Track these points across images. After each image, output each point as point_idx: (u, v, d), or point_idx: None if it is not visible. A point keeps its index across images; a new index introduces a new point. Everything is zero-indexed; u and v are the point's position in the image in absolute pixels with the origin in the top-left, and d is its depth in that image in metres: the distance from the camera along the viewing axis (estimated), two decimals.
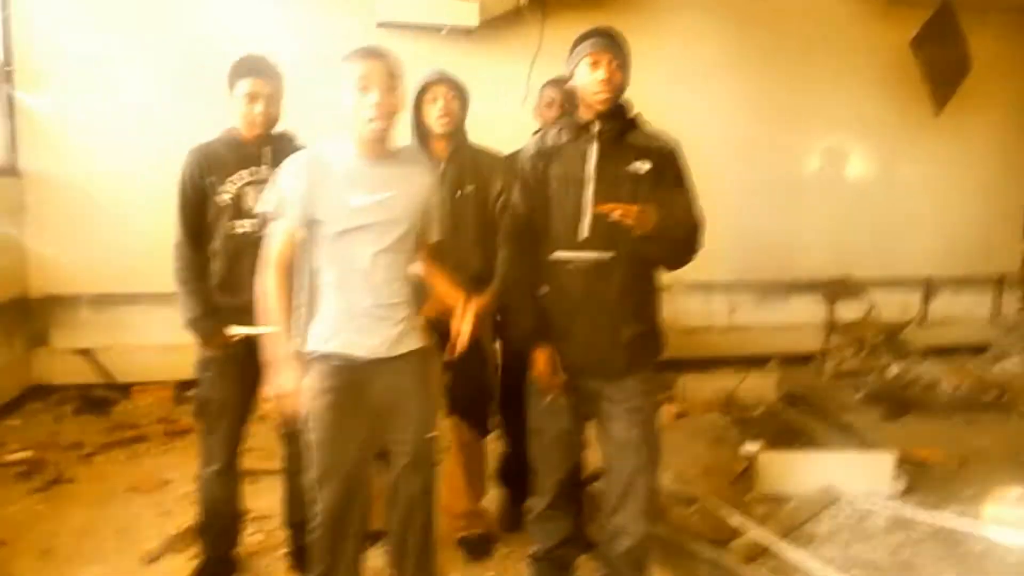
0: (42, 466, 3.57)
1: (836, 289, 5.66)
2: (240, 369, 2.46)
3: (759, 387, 4.77)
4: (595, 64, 2.14)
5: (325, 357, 2.08)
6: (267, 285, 2.07)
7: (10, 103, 4.48)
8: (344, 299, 2.08)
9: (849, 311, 5.77)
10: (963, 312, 6.27)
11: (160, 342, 4.67)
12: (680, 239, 2.18)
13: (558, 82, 2.87)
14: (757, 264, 5.68)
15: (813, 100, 5.66)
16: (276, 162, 2.39)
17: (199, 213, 2.44)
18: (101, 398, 4.54)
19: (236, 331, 2.43)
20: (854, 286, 5.73)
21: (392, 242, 2.09)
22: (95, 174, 4.61)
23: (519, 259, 2.31)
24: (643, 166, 2.17)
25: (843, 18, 5.63)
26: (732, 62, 5.41)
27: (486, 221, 2.64)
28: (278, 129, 2.51)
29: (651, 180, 2.16)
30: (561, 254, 2.21)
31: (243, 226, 2.40)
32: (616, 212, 2.01)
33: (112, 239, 4.66)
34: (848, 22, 5.65)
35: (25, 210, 4.57)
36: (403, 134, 2.54)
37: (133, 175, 4.61)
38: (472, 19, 4.50)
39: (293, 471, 2.58)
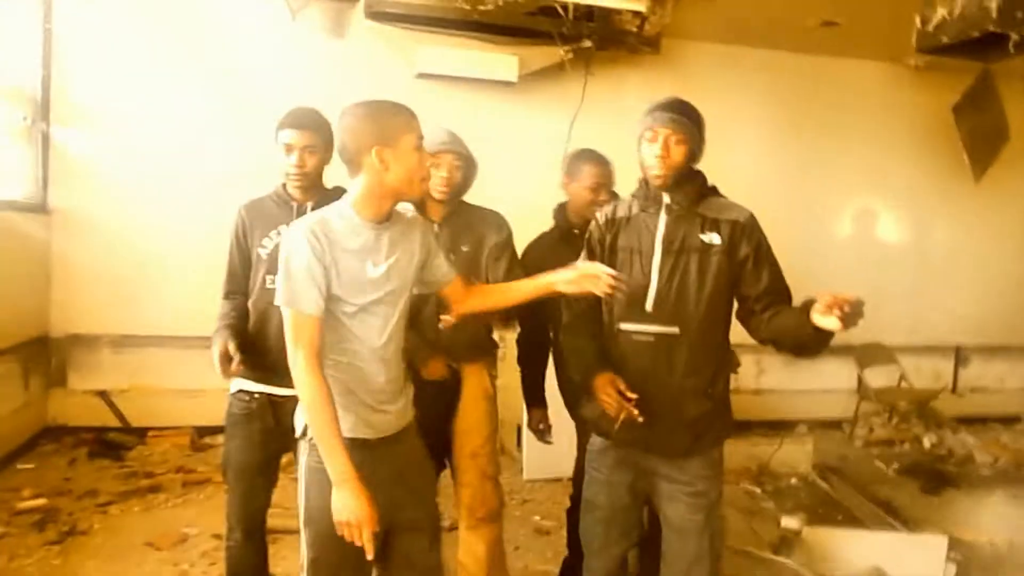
0: (56, 515, 3.44)
1: (867, 354, 5.54)
2: (264, 430, 2.36)
3: (790, 454, 4.63)
4: (653, 139, 2.07)
5: None
6: (310, 394, 1.76)
7: (44, 140, 4.47)
8: (355, 378, 1.85)
9: (880, 377, 5.63)
10: (995, 381, 6.14)
11: (179, 386, 4.60)
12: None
13: (601, 161, 2.75)
14: None
15: (846, 162, 5.64)
16: None
17: (243, 268, 2.39)
18: (116, 442, 4.43)
19: (259, 389, 2.34)
20: (885, 352, 5.60)
21: (402, 310, 1.90)
22: (124, 215, 4.59)
23: (586, 345, 2.21)
24: (713, 237, 2.08)
25: (877, 82, 5.64)
26: (767, 122, 5.42)
27: (480, 279, 2.53)
28: (329, 184, 2.45)
29: (723, 252, 2.07)
30: (626, 325, 2.11)
31: (276, 281, 2.32)
32: (844, 308, 1.85)
33: (136, 280, 4.61)
34: (882, 86, 5.65)
35: (51, 248, 4.53)
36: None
37: (161, 218, 4.59)
38: (512, 74, 4.49)
39: None
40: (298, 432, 1.93)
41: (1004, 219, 5.93)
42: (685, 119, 2.08)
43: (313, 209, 2.34)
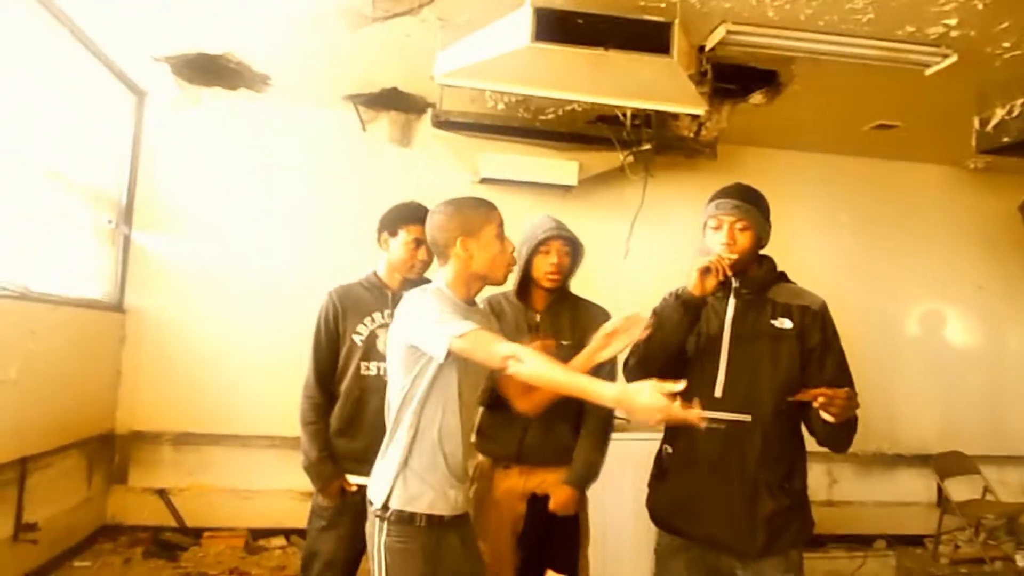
0: None
1: (947, 464, 5.23)
2: (352, 524, 2.31)
3: (872, 571, 4.33)
4: (718, 227, 2.09)
5: (410, 517, 1.88)
6: (535, 361, 1.79)
7: (125, 243, 4.70)
8: (442, 451, 1.92)
9: (962, 489, 5.29)
10: None
11: (236, 486, 4.58)
12: (855, 419, 2.00)
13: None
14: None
15: (913, 265, 5.55)
16: None
17: (331, 354, 2.43)
18: (172, 542, 4.38)
19: (353, 480, 2.31)
20: (966, 461, 5.29)
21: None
22: (193, 316, 4.73)
23: None
24: (785, 322, 2.04)
25: (938, 185, 5.62)
26: (828, 226, 5.40)
27: None
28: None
29: (794, 337, 2.03)
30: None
31: (372, 368, 2.35)
32: (819, 400, 1.84)
33: (200, 379, 4.69)
34: (943, 188, 5.62)
35: (124, 346, 4.67)
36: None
37: (228, 319, 4.73)
38: (571, 179, 4.61)
39: None
40: (376, 505, 1.91)
41: None
42: (749, 205, 2.09)
43: None
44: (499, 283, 2.08)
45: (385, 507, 1.89)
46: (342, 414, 2.37)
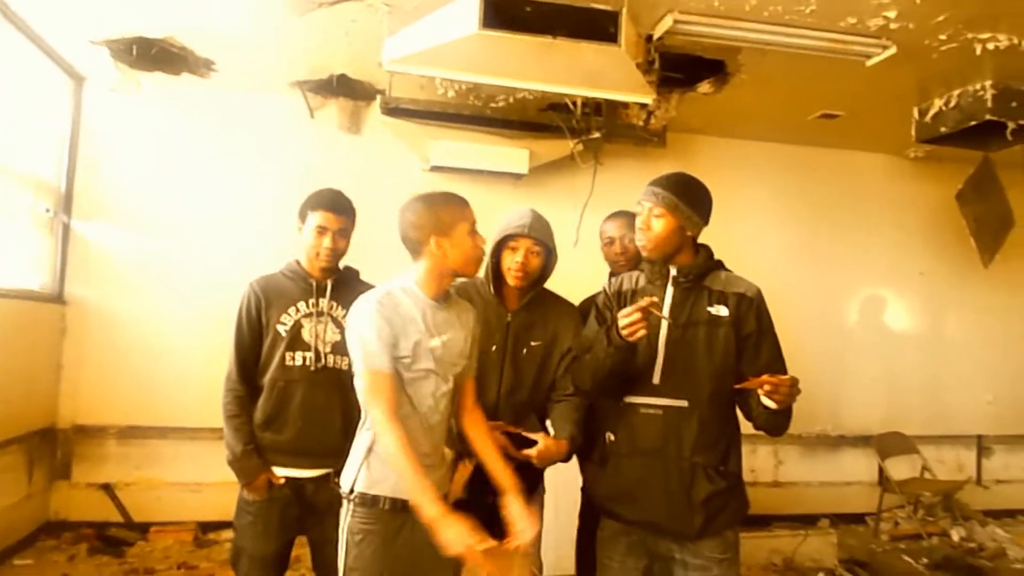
0: None
1: (887, 445, 5.40)
2: (282, 516, 2.30)
3: (814, 549, 4.45)
4: (640, 211, 2.13)
5: (372, 500, 1.95)
6: (391, 443, 1.84)
7: (65, 232, 4.56)
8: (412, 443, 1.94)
9: (901, 469, 5.47)
10: (1021, 472, 5.95)
11: (183, 480, 4.52)
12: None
13: (616, 216, 2.83)
14: (803, 416, 5.40)
15: (855, 252, 5.69)
16: (337, 296, 2.35)
17: (254, 345, 2.38)
18: (118, 538, 4.30)
19: (280, 473, 2.29)
20: (906, 442, 5.47)
21: (451, 384, 2.04)
22: (136, 307, 4.62)
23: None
24: (721, 309, 2.08)
25: (880, 173, 5.76)
26: (773, 213, 5.51)
27: (545, 380, 2.39)
28: (343, 264, 2.48)
29: (729, 324, 2.07)
30: (632, 398, 2.08)
31: (297, 358, 2.32)
32: (764, 387, 1.88)
33: (145, 371, 4.60)
34: (885, 177, 5.77)
35: (65, 338, 4.55)
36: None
37: (173, 310, 4.63)
38: (522, 167, 4.61)
39: None
40: (344, 489, 1.98)
41: (1018, 304, 5.91)
42: (669, 194, 2.09)
43: (333, 288, 2.37)
44: (471, 276, 2.12)
45: (351, 490, 1.96)
46: (267, 406, 2.32)
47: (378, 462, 1.94)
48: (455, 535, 1.75)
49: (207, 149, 4.75)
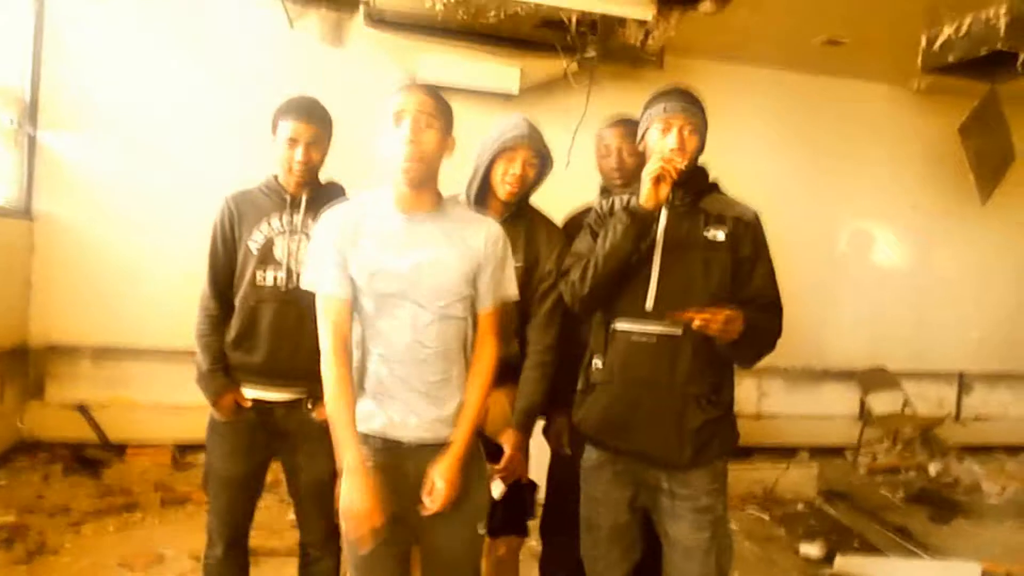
0: (25, 533, 3.25)
1: (870, 380, 5.42)
2: (251, 438, 2.21)
3: (795, 480, 4.48)
4: (666, 129, 1.97)
5: (365, 437, 1.78)
6: (327, 377, 1.73)
7: (31, 144, 4.34)
8: (387, 374, 1.78)
9: (883, 403, 5.50)
10: (999, 409, 6.02)
11: (160, 401, 4.42)
12: (764, 334, 1.96)
13: (617, 125, 2.51)
14: (788, 349, 5.36)
15: (851, 183, 5.58)
16: (314, 212, 2.20)
17: (228, 262, 2.23)
18: (93, 458, 4.23)
19: (249, 395, 2.19)
20: (888, 377, 5.48)
21: (438, 311, 1.77)
22: (110, 223, 4.45)
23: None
24: (718, 233, 1.96)
25: (882, 103, 5.60)
26: (770, 142, 5.35)
27: (527, 301, 2.24)
28: (324, 177, 2.33)
29: (726, 249, 1.95)
30: (623, 324, 1.96)
31: (268, 277, 2.18)
32: (696, 320, 1.79)
33: (120, 291, 4.46)
34: (887, 107, 5.61)
35: (34, 255, 4.38)
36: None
37: (148, 227, 4.46)
38: (513, 86, 4.41)
39: (310, 559, 2.31)
40: None
41: (1010, 243, 5.86)
42: (696, 108, 2.00)
43: (308, 202, 2.22)
44: (398, 188, 1.79)
45: None
46: (237, 325, 2.19)
47: (364, 398, 1.79)
48: (352, 495, 1.66)
49: (180, 57, 4.49)
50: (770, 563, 3.51)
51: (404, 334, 1.75)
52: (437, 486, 1.74)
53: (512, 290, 1.92)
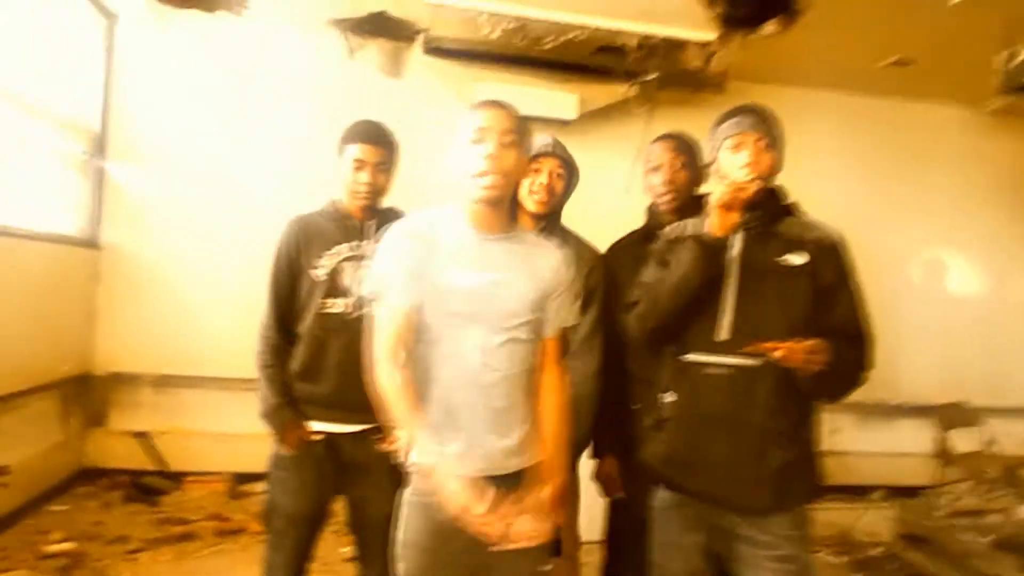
0: (83, 562, 3.25)
1: (950, 415, 5.11)
2: (318, 472, 2.15)
3: (869, 522, 4.23)
4: (737, 147, 1.86)
5: (424, 471, 1.68)
6: (383, 383, 1.66)
7: (100, 175, 4.45)
8: (448, 401, 1.70)
9: (964, 441, 5.18)
10: None
11: (219, 430, 4.43)
12: (850, 367, 1.81)
13: (666, 139, 2.39)
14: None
15: (923, 210, 5.35)
16: (380, 238, 2.16)
17: (291, 291, 2.20)
18: (152, 487, 4.25)
19: (316, 427, 2.13)
20: (969, 413, 5.17)
21: (507, 333, 1.70)
22: (173, 253, 4.52)
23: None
24: (796, 259, 1.83)
25: (954, 126, 5.37)
26: (838, 168, 5.17)
27: None
28: (386, 204, 2.29)
29: (806, 275, 1.82)
30: (695, 357, 1.84)
31: (336, 305, 2.14)
32: (776, 351, 1.67)
33: (181, 320, 4.51)
34: (959, 131, 5.37)
35: (99, 284, 4.47)
36: None
37: (211, 258, 4.51)
38: (570, 112, 4.35)
39: None
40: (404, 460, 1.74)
41: None
42: (769, 122, 1.88)
43: (376, 226, 2.17)
44: (473, 206, 1.76)
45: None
46: (302, 356, 2.15)
47: (425, 428, 1.68)
48: (452, 492, 1.58)
49: (243, 89, 4.57)
50: None
51: (472, 356, 1.68)
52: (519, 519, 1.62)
53: (572, 317, 1.87)
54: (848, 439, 5.25)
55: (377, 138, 2.17)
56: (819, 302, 1.82)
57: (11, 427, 3.63)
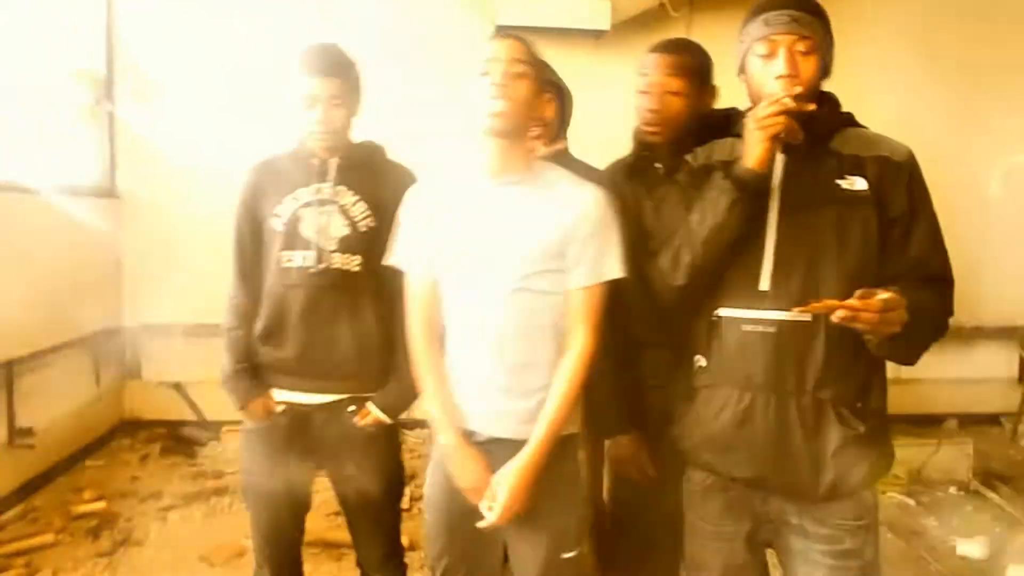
0: (114, 521, 3.21)
1: None
2: (287, 447, 1.90)
3: (944, 458, 3.89)
4: (770, 53, 1.45)
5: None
6: (416, 354, 1.67)
7: (110, 121, 4.26)
8: (465, 360, 1.62)
9: None
10: None
11: None
12: (933, 320, 1.47)
13: (660, 50, 1.91)
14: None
15: (1007, 112, 4.73)
16: (346, 179, 1.88)
17: (254, 244, 1.93)
18: (190, 438, 4.21)
19: (280, 397, 1.91)
20: None
21: (519, 283, 1.53)
22: (193, 198, 4.29)
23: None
24: (856, 181, 1.46)
25: None
26: (907, 66, 4.58)
27: None
28: (359, 139, 1.99)
29: (869, 202, 1.45)
30: (730, 311, 1.50)
31: (295, 258, 1.86)
32: (837, 312, 1.30)
33: (208, 267, 4.30)
34: None
35: (122, 234, 4.34)
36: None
37: (228, 201, 4.29)
38: (603, 22, 3.93)
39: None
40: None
41: None
42: (811, 16, 1.45)
43: (340, 166, 1.88)
44: (484, 145, 1.60)
45: None
46: (265, 317, 1.89)
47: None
48: (465, 470, 1.58)
49: (252, 22, 4.26)
50: (919, 563, 3.01)
51: (481, 308, 1.56)
52: (498, 496, 1.53)
53: (613, 268, 1.58)
54: (920, 365, 4.84)
55: (329, 68, 1.83)
56: (886, 236, 1.46)
57: (43, 385, 3.59)
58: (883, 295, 1.30)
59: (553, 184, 1.60)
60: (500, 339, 1.55)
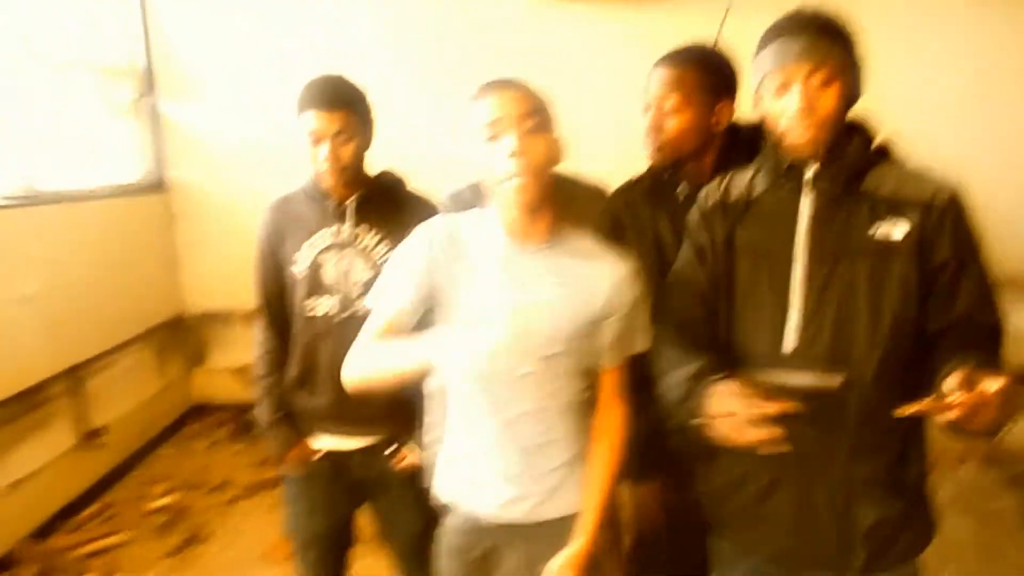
0: (184, 515, 3.36)
1: None
2: (330, 492, 1.93)
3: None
4: (784, 85, 1.28)
5: (451, 508, 1.53)
6: (362, 348, 1.43)
7: (154, 115, 4.29)
8: (474, 432, 1.46)
9: None
10: None
11: None
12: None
13: (665, 63, 1.67)
14: (1009, 251, 4.37)
15: None
16: (365, 217, 1.81)
17: (278, 288, 1.90)
18: (254, 421, 4.34)
19: (318, 444, 1.91)
20: None
21: (540, 363, 1.39)
22: (240, 186, 4.33)
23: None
24: (892, 230, 1.29)
25: None
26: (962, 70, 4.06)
27: None
28: (374, 171, 1.92)
29: (908, 255, 1.28)
30: (753, 373, 1.35)
31: (319, 307, 1.83)
32: (946, 414, 1.10)
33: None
34: None
35: (175, 226, 4.42)
36: None
37: (280, 185, 4.29)
38: None
39: None
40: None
41: None
42: (828, 40, 1.26)
43: (358, 206, 1.83)
44: (507, 212, 1.44)
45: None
46: (297, 364, 1.87)
47: (449, 460, 1.52)
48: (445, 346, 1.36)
49: (291, 10, 4.18)
50: (994, 555, 2.82)
51: (499, 388, 1.40)
52: None
53: (645, 341, 1.47)
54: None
55: (332, 102, 1.73)
56: (932, 287, 1.30)
57: (111, 382, 3.74)
58: (995, 383, 1.07)
59: (581, 254, 1.44)
60: (514, 420, 1.42)
